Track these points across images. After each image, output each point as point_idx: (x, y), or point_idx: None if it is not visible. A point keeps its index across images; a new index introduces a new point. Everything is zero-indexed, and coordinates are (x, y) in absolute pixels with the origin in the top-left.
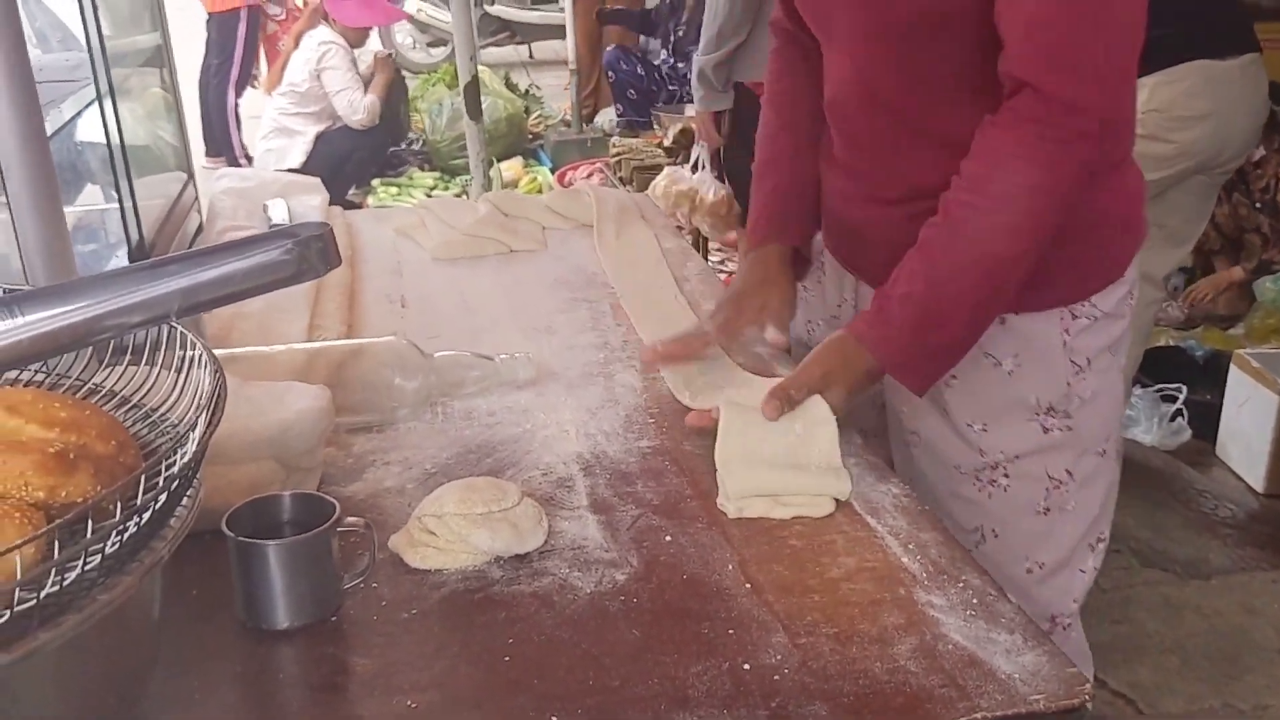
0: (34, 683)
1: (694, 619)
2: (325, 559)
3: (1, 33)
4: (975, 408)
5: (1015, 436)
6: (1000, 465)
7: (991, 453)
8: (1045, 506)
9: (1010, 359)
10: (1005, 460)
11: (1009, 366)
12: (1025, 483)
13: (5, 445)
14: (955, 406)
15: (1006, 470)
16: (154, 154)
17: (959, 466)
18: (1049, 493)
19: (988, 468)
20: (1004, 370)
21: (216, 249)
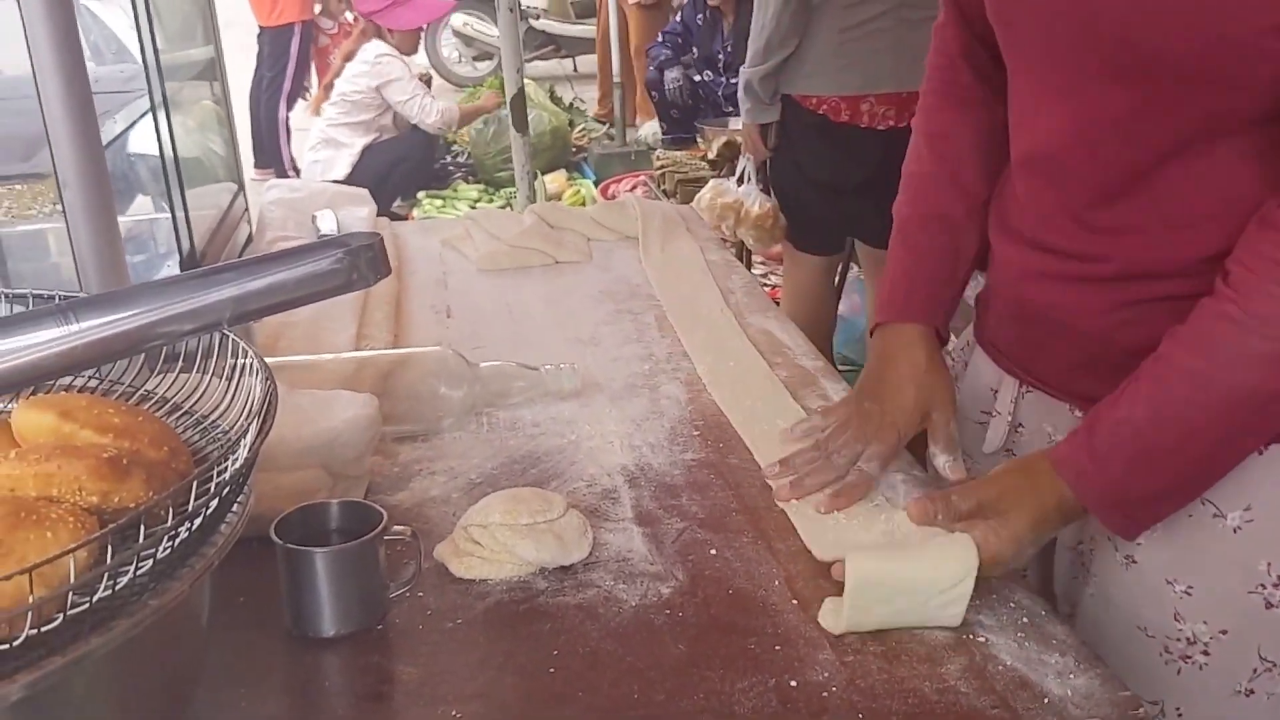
0: (85, 687)
1: (740, 634)
2: (372, 567)
3: (60, 48)
4: (1181, 565)
5: (1229, 608)
6: (1199, 640)
7: (1192, 621)
8: (1249, 688)
9: (1239, 512)
10: (1208, 634)
11: (1235, 521)
12: (1228, 662)
13: (60, 450)
14: (1152, 558)
15: (1207, 647)
16: (205, 165)
17: (1144, 628)
18: (1257, 674)
19: (1183, 640)
20: (1228, 525)
21: (268, 258)
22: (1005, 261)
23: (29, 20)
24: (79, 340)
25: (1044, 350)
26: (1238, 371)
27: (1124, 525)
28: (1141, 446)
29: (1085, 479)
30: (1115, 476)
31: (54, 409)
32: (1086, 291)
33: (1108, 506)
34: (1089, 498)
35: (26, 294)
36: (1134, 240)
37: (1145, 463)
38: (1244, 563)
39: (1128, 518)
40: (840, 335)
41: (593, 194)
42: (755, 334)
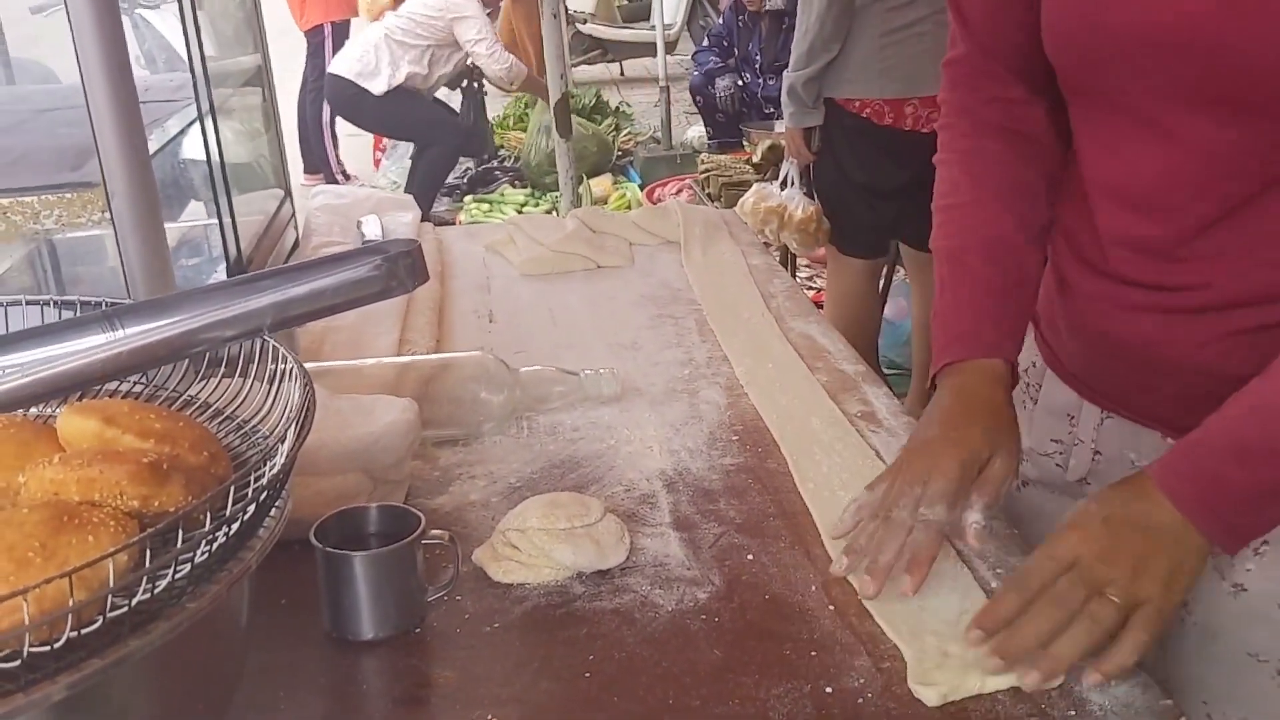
0: (125, 689)
1: (776, 640)
2: (410, 571)
3: (108, 59)
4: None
5: None
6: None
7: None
8: None
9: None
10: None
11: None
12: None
13: (103, 455)
14: (1263, 585)
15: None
16: (253, 171)
17: (1257, 655)
18: None
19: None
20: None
21: (308, 265)
22: (1086, 295)
23: (77, 32)
24: (124, 346)
25: (1138, 383)
26: None
27: (1227, 536)
28: (1238, 438)
29: (1177, 479)
30: (1210, 472)
31: (98, 414)
32: (1182, 324)
33: (1208, 511)
34: (1185, 501)
35: (75, 300)
36: (1228, 269)
37: (1242, 454)
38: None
39: (1228, 522)
40: (885, 339)
41: (638, 197)
42: (796, 338)
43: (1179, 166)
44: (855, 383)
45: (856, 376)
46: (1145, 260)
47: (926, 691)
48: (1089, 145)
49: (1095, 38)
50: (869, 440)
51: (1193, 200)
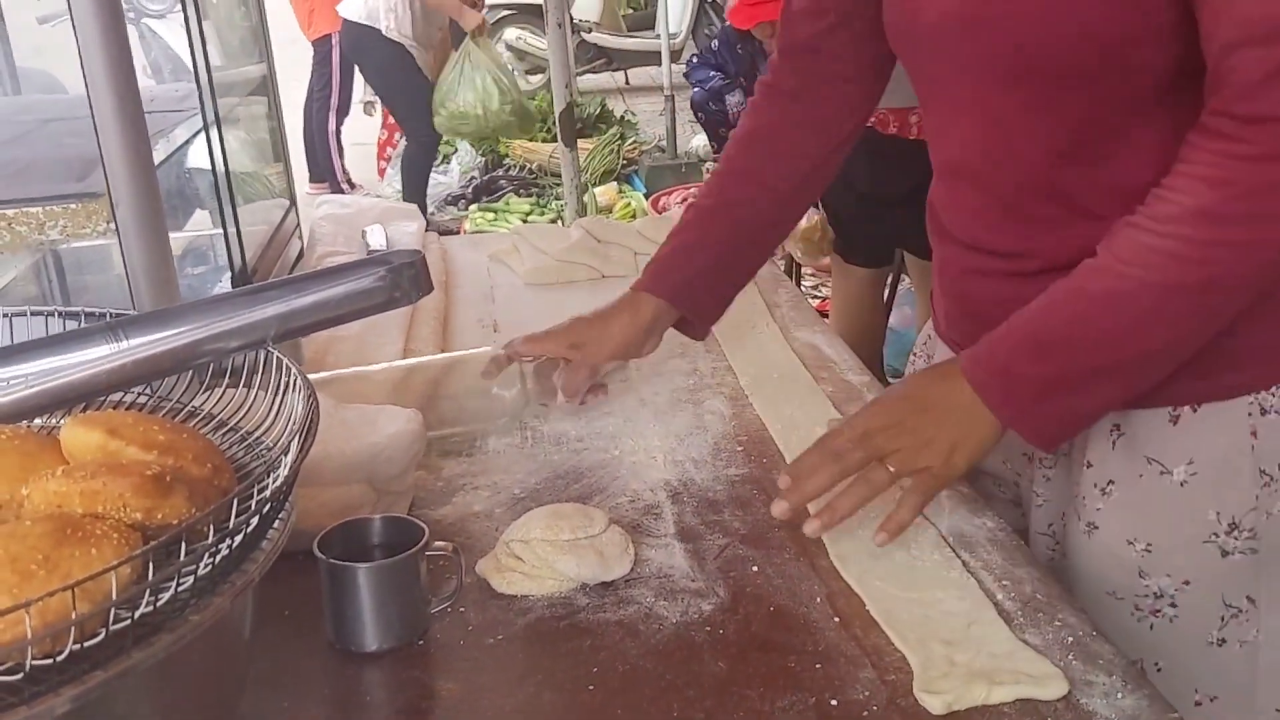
0: (128, 701)
1: (780, 652)
2: (413, 582)
3: (113, 70)
4: (1137, 524)
5: (1186, 560)
6: (1166, 594)
7: (1155, 576)
8: (1220, 638)
9: (1183, 467)
10: (1172, 587)
11: (1181, 476)
12: (1196, 612)
13: (106, 467)
14: (1110, 522)
15: (1174, 599)
16: (258, 181)
17: (1113, 592)
18: (1225, 622)
19: (1150, 595)
20: (1174, 480)
21: (312, 276)
22: (944, 261)
23: (83, 43)
24: (128, 358)
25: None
26: (1129, 261)
27: (1024, 423)
28: (1031, 330)
29: (976, 360)
30: (1004, 358)
31: (101, 426)
32: (1020, 285)
33: (998, 393)
34: (978, 379)
35: (79, 311)
36: (1054, 235)
37: (1034, 346)
38: (1194, 514)
39: (1023, 411)
40: (890, 348)
41: (643, 206)
42: (801, 348)
43: (987, 137)
44: (860, 393)
45: (861, 386)
46: (984, 228)
47: (932, 700)
48: (930, 128)
49: (908, 29)
50: None
51: (1003, 168)
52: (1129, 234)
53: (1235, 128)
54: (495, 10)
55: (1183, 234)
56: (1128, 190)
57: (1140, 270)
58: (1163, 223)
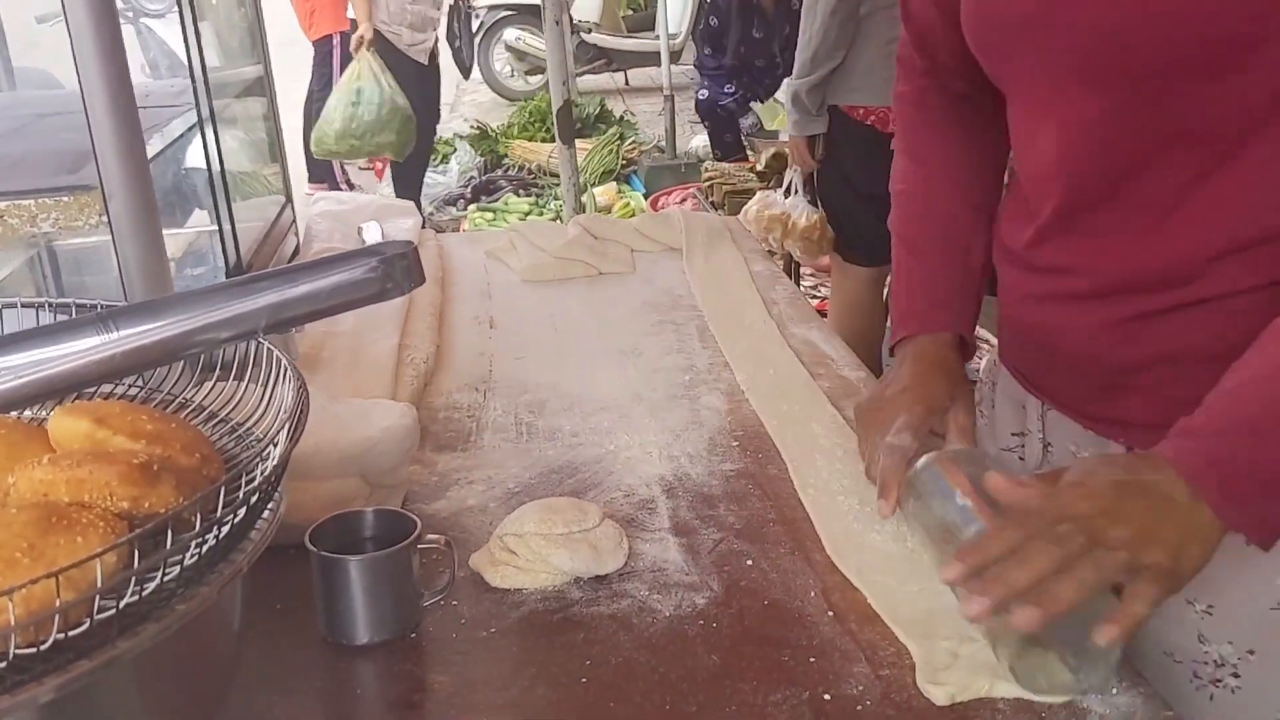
0: (115, 692)
1: (774, 646)
2: (406, 575)
3: (106, 63)
4: (1199, 583)
5: (1253, 627)
6: (1228, 662)
7: (1217, 642)
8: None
9: None
10: (1235, 655)
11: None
12: (1262, 686)
13: (93, 456)
14: None
15: (1237, 669)
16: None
17: (1172, 654)
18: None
19: (1211, 663)
20: (1240, 539)
21: (303, 266)
22: (1005, 286)
23: (76, 37)
24: (118, 348)
25: (1051, 371)
26: None
27: (1245, 517)
28: (1242, 414)
29: (1184, 453)
30: (1225, 448)
31: (89, 415)
32: (1073, 311)
33: (1219, 487)
34: (1195, 471)
35: (70, 303)
36: (1121, 250)
37: (1249, 433)
38: (1263, 578)
39: (1246, 504)
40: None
41: (642, 206)
42: (798, 344)
43: (1062, 145)
44: (857, 389)
45: (858, 383)
46: (1048, 244)
47: (936, 691)
48: (1015, 141)
49: (990, 29)
50: None
51: (1075, 178)
52: None
53: None
54: (495, 11)
55: None
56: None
57: None
58: None
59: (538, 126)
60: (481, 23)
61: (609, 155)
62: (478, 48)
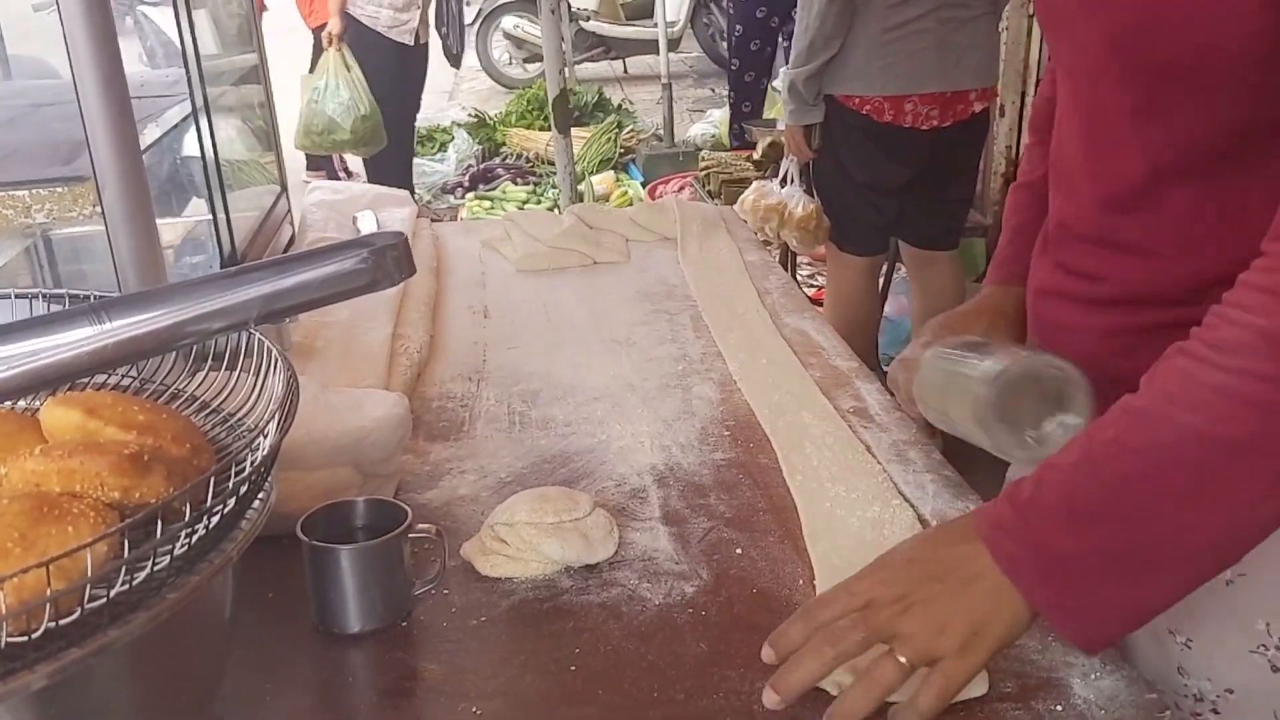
0: (106, 680)
1: (763, 633)
2: (397, 565)
3: (99, 53)
4: (1179, 613)
5: (1231, 666)
6: (1207, 697)
7: (1196, 676)
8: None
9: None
10: (1214, 692)
11: (1227, 574)
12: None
13: (84, 447)
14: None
15: (1216, 706)
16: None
17: (1153, 681)
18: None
19: (1190, 696)
20: (1221, 578)
21: (295, 257)
22: (1031, 275)
23: (68, 26)
24: (110, 339)
25: None
26: (1184, 408)
27: (1057, 612)
28: (1067, 491)
29: (1000, 529)
30: (1036, 527)
31: (80, 406)
32: (1086, 314)
33: (1028, 572)
34: (1001, 555)
35: (63, 294)
36: (1137, 260)
37: (1072, 513)
38: (1241, 621)
39: (1057, 599)
40: (886, 336)
41: (640, 194)
42: (791, 334)
43: (1094, 136)
44: (848, 378)
45: (850, 372)
46: (1070, 241)
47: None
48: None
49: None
50: (860, 435)
51: (1100, 179)
52: (1180, 365)
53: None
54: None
55: (1252, 369)
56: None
57: (1196, 417)
58: (1225, 353)
59: (536, 114)
60: (480, 10)
61: (607, 144)
62: (476, 35)
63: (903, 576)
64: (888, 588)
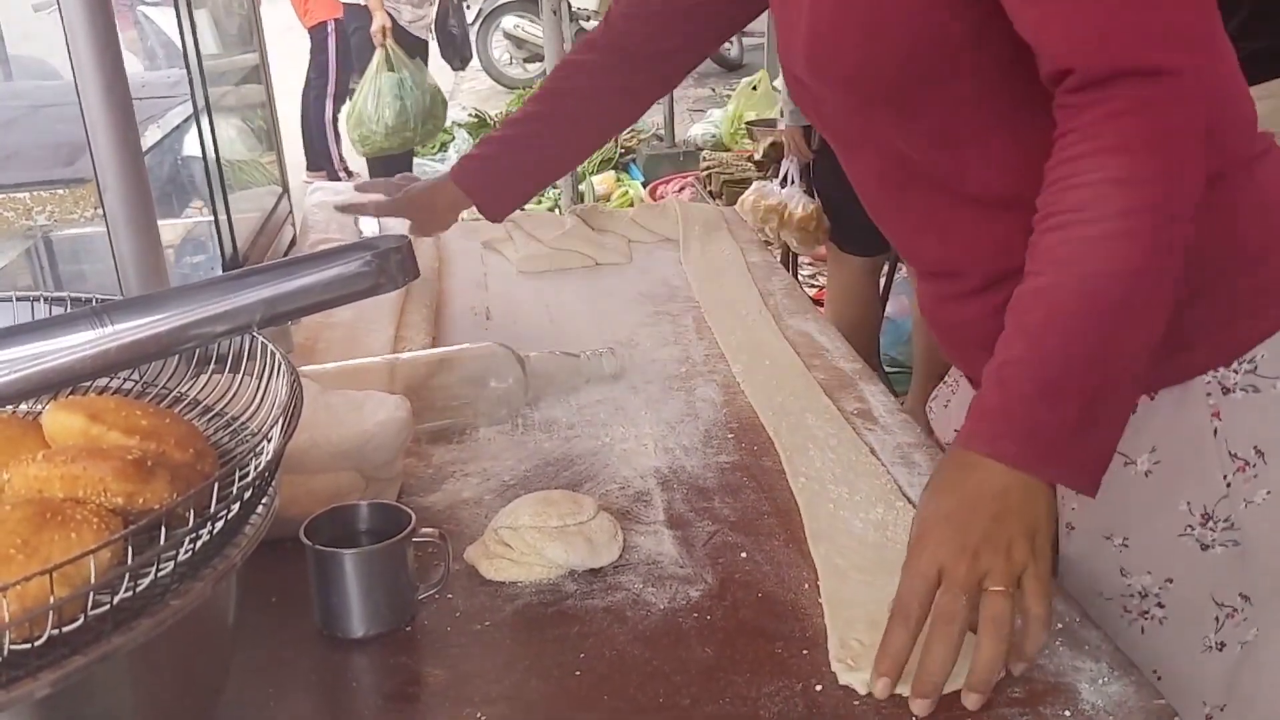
0: (110, 687)
1: (768, 638)
2: (400, 569)
3: (100, 54)
4: (1109, 516)
5: (1165, 554)
6: (1150, 593)
7: (1137, 574)
8: (1219, 641)
9: (1145, 455)
10: (1155, 585)
11: (1144, 465)
12: (1186, 613)
13: (87, 452)
14: (1084, 518)
15: (1159, 599)
16: (250, 168)
17: (1101, 592)
18: (1220, 623)
19: (1136, 595)
20: (1139, 470)
21: (298, 260)
22: (919, 293)
23: (70, 27)
24: (112, 343)
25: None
26: (1082, 263)
27: (1069, 473)
28: (1031, 375)
29: (996, 437)
30: (1021, 417)
31: (83, 411)
32: (968, 305)
33: (1035, 456)
34: (1008, 454)
35: (65, 297)
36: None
37: (1043, 389)
38: (1164, 506)
39: (1066, 462)
40: (887, 336)
41: (641, 194)
42: (794, 336)
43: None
44: (852, 380)
45: (853, 374)
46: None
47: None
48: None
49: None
50: (864, 437)
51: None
52: (1057, 239)
53: (1099, 93)
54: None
55: (1117, 209)
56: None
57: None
58: (1088, 208)
59: None
60: (480, 10)
61: (607, 143)
62: (476, 35)
63: (950, 533)
64: (945, 548)
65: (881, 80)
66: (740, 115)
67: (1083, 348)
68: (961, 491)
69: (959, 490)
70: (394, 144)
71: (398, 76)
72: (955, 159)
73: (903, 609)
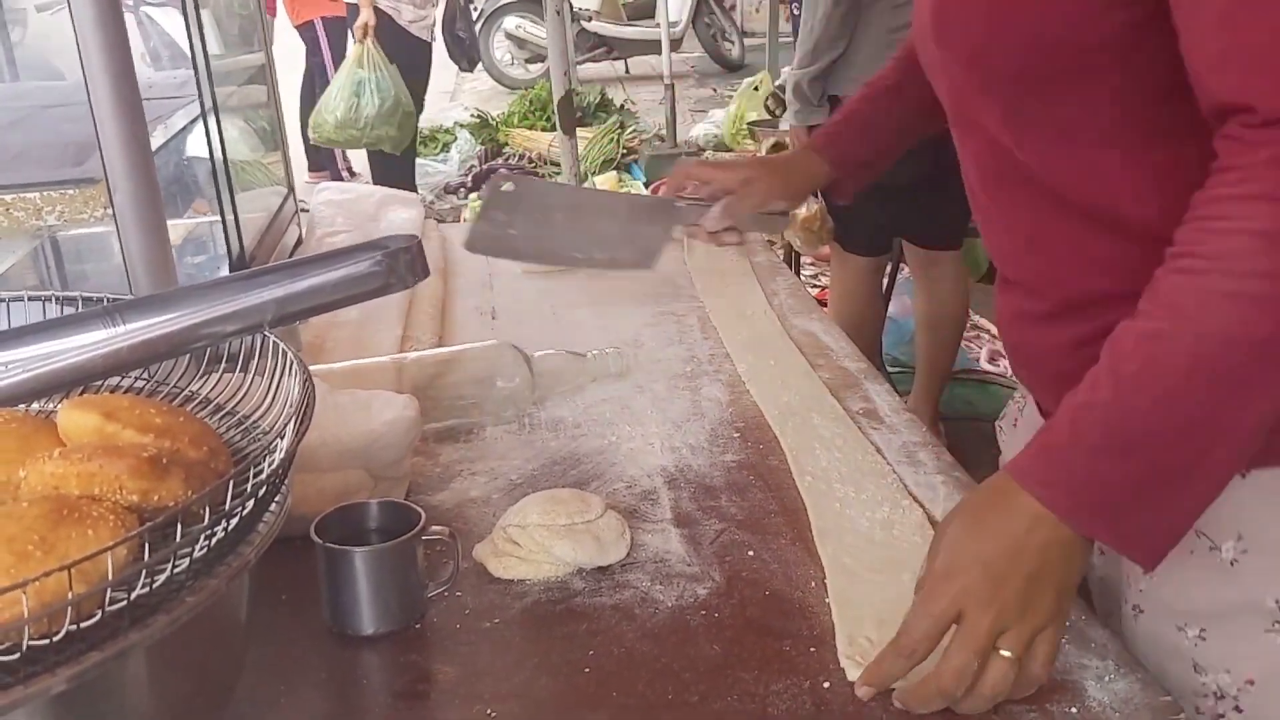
0: (125, 683)
1: (775, 636)
2: (410, 567)
3: (110, 55)
4: (1186, 607)
5: (1249, 653)
6: (1228, 694)
7: (1213, 671)
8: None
9: (1231, 543)
10: (1234, 686)
11: (1230, 554)
12: (1267, 715)
13: (103, 450)
14: (1156, 603)
15: (1238, 701)
16: (256, 168)
17: (1169, 688)
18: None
19: (1210, 695)
20: (1224, 558)
21: (308, 260)
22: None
23: (80, 28)
24: (124, 342)
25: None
26: (1203, 320)
27: (1124, 540)
28: (1108, 426)
29: (1052, 483)
30: (1084, 469)
31: (98, 409)
32: (1038, 329)
33: (1088, 513)
34: (1060, 504)
35: (76, 297)
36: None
37: (1117, 446)
38: (1251, 599)
39: (1123, 527)
40: (889, 336)
41: None
42: (799, 335)
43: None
44: (857, 380)
45: (858, 374)
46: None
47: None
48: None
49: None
50: (870, 437)
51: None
52: (1182, 282)
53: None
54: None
55: (1259, 269)
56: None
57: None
58: (1227, 260)
59: (538, 115)
60: (481, 11)
61: (609, 144)
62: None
63: (982, 582)
64: (973, 597)
65: (1008, 62)
66: (742, 115)
67: (1177, 415)
68: (1004, 539)
69: (1001, 536)
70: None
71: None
72: (1067, 164)
73: (908, 645)
